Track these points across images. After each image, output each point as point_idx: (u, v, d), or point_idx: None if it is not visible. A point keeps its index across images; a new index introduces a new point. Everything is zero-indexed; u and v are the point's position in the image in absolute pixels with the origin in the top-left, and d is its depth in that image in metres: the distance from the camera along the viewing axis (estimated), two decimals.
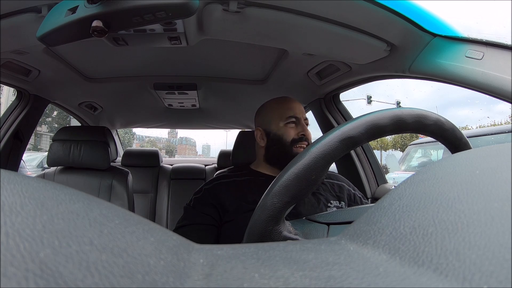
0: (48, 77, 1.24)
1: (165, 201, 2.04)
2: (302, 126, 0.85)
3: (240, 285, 0.14)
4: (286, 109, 0.87)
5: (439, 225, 0.16)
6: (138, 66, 1.30)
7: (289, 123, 0.85)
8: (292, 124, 0.85)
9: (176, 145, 61.11)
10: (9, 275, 0.09)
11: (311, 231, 0.44)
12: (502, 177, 0.19)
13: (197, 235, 0.76)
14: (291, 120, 0.85)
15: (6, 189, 0.14)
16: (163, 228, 0.17)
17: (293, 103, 0.89)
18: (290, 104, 0.88)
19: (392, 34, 0.80)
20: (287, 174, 0.36)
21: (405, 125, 0.39)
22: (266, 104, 0.92)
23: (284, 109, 0.87)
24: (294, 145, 0.83)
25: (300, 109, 0.88)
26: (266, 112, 0.91)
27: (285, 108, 0.87)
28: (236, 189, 0.81)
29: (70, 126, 1.62)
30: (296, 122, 0.86)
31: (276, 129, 0.86)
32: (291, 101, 0.89)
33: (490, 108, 29.86)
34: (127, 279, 0.11)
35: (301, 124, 0.86)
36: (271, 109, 0.90)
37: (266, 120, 0.90)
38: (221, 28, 0.81)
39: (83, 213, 0.14)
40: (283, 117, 0.86)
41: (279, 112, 0.87)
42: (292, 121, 0.85)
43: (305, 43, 0.90)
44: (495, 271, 0.12)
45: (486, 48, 0.66)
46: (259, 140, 0.90)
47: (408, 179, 0.24)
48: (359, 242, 0.19)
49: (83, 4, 0.53)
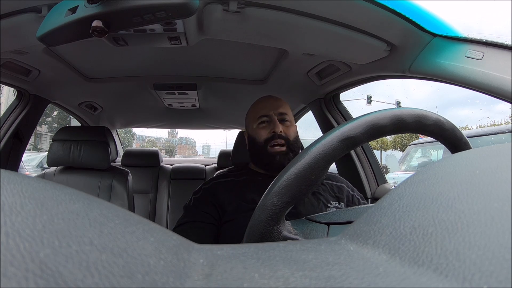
0: (48, 77, 1.24)
1: (165, 201, 2.04)
2: (274, 123, 0.83)
3: (240, 285, 0.14)
4: (258, 110, 0.87)
5: (439, 225, 0.16)
6: (138, 66, 1.30)
7: (260, 123, 0.85)
8: (263, 124, 0.85)
9: (176, 145, 61.12)
10: (9, 275, 0.09)
11: (311, 231, 0.44)
12: (502, 177, 0.19)
13: (197, 232, 0.75)
14: (262, 120, 0.85)
15: (6, 189, 0.14)
16: (163, 228, 0.17)
17: (265, 101, 0.88)
18: (261, 104, 0.87)
19: (392, 34, 0.80)
20: (287, 174, 0.36)
21: (405, 125, 0.39)
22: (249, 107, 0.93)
23: (255, 110, 0.87)
24: (268, 145, 0.82)
25: (274, 105, 0.85)
26: (247, 116, 0.92)
27: (257, 109, 0.87)
28: (235, 188, 0.81)
29: (70, 126, 1.62)
30: (268, 121, 0.84)
31: (251, 131, 0.87)
32: (263, 100, 0.88)
33: (490, 108, 29.87)
34: (127, 279, 0.11)
35: (272, 122, 0.83)
36: (248, 112, 0.91)
37: (246, 123, 0.91)
38: (221, 28, 0.81)
39: (83, 213, 0.14)
40: (255, 119, 0.86)
41: (252, 114, 0.88)
42: (263, 121, 0.85)
43: (305, 43, 0.90)
44: (495, 271, 0.12)
45: (486, 48, 0.66)
46: (246, 143, 0.91)
47: (408, 179, 0.24)
48: (359, 242, 0.19)
49: (83, 4, 0.53)
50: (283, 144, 0.81)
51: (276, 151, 0.81)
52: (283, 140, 0.81)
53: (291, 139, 0.83)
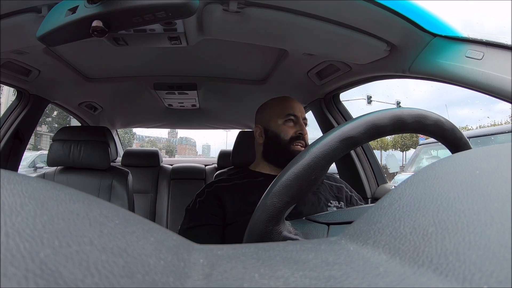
0: (48, 77, 1.24)
1: (165, 201, 2.04)
2: (301, 125, 0.86)
3: (240, 285, 0.14)
4: (286, 108, 0.87)
5: (439, 225, 0.16)
6: (138, 66, 1.30)
7: (287, 121, 0.86)
8: (290, 122, 0.86)
9: (176, 145, 61.11)
10: (9, 275, 0.09)
11: (311, 231, 0.44)
12: (502, 177, 0.19)
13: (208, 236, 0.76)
14: (289, 118, 0.86)
15: (6, 189, 0.14)
16: (163, 228, 0.17)
17: (293, 102, 0.90)
18: (290, 103, 0.89)
19: (392, 34, 0.80)
20: (287, 174, 0.36)
21: (405, 125, 0.39)
22: (267, 102, 0.93)
23: (283, 107, 0.88)
24: (292, 143, 0.84)
25: (300, 109, 0.89)
26: (266, 110, 0.92)
27: (285, 107, 0.88)
28: (237, 191, 0.82)
29: (70, 126, 1.62)
30: (295, 121, 0.87)
31: (274, 126, 0.87)
32: (291, 100, 0.90)
33: (490, 108, 29.87)
34: (127, 279, 0.11)
35: (299, 123, 0.87)
36: (271, 107, 0.91)
37: (265, 117, 0.90)
38: (221, 28, 0.81)
39: (83, 213, 0.14)
40: (282, 115, 0.87)
41: (278, 110, 0.88)
42: (291, 119, 0.86)
43: (305, 43, 0.90)
44: (495, 271, 0.12)
45: (486, 48, 0.66)
46: (258, 137, 0.91)
47: (408, 179, 0.24)
48: (359, 242, 0.19)
49: (83, 4, 0.53)
50: (303, 145, 0.85)
51: (297, 150, 0.84)
52: (304, 142, 0.85)
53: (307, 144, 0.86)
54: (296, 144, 0.84)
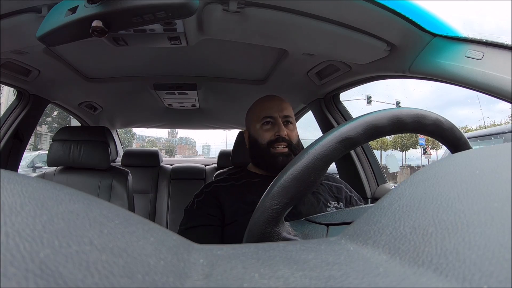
0: (48, 77, 1.24)
1: (165, 201, 2.04)
2: (279, 126, 0.82)
3: (240, 285, 0.14)
4: (261, 110, 0.85)
5: (439, 225, 0.16)
6: (138, 66, 1.30)
7: (264, 124, 0.83)
8: (267, 125, 0.83)
9: (176, 145, 61.10)
10: (9, 275, 0.09)
11: (310, 232, 0.44)
12: (502, 177, 0.19)
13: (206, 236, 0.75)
14: (266, 121, 0.83)
15: (6, 189, 0.14)
16: (163, 228, 0.17)
17: (270, 102, 0.86)
18: (266, 104, 0.86)
19: (392, 34, 0.80)
20: (285, 175, 0.36)
21: (403, 125, 0.39)
22: (251, 106, 0.91)
23: (259, 110, 0.85)
24: (271, 147, 0.81)
25: (279, 108, 0.84)
26: (248, 114, 0.90)
27: (261, 109, 0.85)
28: (235, 191, 0.81)
29: (70, 126, 1.62)
30: (273, 122, 0.83)
31: (254, 131, 0.86)
32: (268, 100, 0.87)
33: (490, 108, 29.87)
34: (127, 279, 0.11)
35: (277, 124, 0.82)
36: (250, 111, 0.89)
37: (247, 122, 0.90)
38: (221, 28, 0.81)
39: (83, 213, 0.14)
40: (258, 119, 0.84)
41: (255, 114, 0.86)
42: (268, 122, 0.83)
43: (305, 43, 0.90)
44: (495, 271, 0.12)
45: (486, 48, 0.66)
46: (246, 142, 0.90)
47: (408, 179, 0.24)
48: (359, 242, 0.19)
49: (83, 4, 0.53)
50: (285, 146, 0.82)
51: (278, 152, 0.81)
52: (286, 143, 0.82)
53: (294, 142, 0.83)
54: (276, 147, 0.81)
